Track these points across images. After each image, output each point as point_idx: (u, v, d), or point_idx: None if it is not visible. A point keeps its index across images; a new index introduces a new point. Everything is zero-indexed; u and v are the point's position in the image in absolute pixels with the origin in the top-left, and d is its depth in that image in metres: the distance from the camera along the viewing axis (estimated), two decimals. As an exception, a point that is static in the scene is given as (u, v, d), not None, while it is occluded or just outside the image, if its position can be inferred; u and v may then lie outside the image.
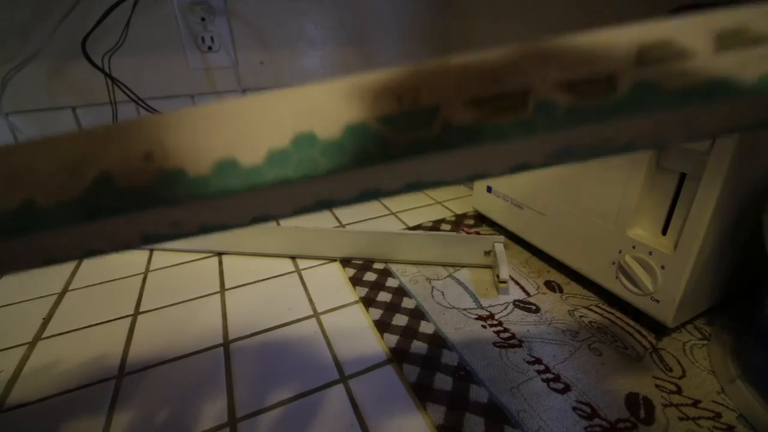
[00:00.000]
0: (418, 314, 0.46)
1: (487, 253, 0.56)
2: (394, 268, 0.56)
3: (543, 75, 0.12)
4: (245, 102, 0.14)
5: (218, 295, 0.52)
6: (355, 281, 0.53)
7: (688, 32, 0.13)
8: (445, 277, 0.54)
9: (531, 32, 0.76)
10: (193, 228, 0.16)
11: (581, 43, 0.12)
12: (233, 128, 0.13)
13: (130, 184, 0.12)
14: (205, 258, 0.61)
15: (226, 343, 0.44)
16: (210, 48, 0.77)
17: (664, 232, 0.40)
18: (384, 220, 0.72)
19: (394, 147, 0.12)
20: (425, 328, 0.44)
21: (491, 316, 0.46)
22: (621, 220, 0.42)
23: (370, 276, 0.54)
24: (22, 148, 0.13)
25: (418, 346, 0.42)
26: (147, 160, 0.12)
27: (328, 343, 0.43)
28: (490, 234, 0.64)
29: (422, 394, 0.36)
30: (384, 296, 0.50)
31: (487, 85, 0.13)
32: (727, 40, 0.12)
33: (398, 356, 0.40)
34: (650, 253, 0.40)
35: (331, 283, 0.53)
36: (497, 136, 0.12)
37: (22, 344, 0.45)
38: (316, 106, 0.13)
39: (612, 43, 0.13)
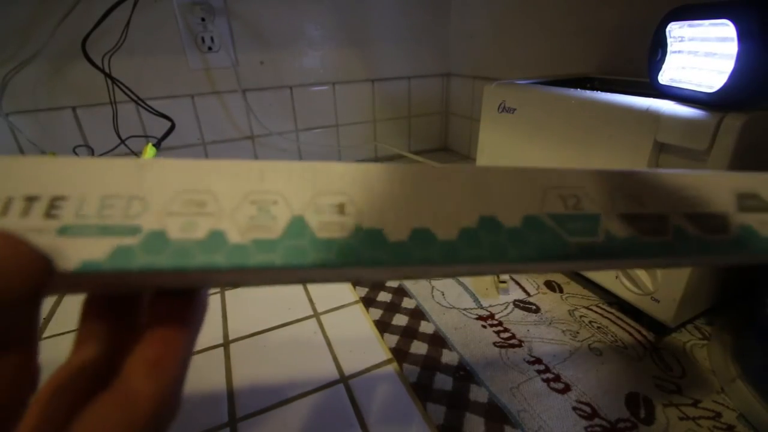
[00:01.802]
0: (418, 314, 0.46)
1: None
2: (394, 268, 0.56)
3: (675, 207, 0.14)
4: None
5: (218, 295, 0.52)
6: (355, 281, 0.53)
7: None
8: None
9: (531, 32, 0.76)
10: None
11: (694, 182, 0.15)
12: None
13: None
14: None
15: (226, 343, 0.44)
16: (210, 48, 0.77)
17: (664, 232, 0.40)
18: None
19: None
20: (425, 328, 0.44)
21: (491, 316, 0.46)
22: (621, 220, 0.42)
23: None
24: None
25: (418, 346, 0.42)
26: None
27: (328, 343, 0.43)
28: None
29: (422, 394, 0.36)
30: (384, 296, 0.50)
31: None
32: None
33: (398, 356, 0.40)
34: (650, 253, 0.39)
35: (331, 283, 0.53)
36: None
37: (22, 344, 0.45)
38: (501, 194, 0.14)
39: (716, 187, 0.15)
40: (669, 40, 0.38)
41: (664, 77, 0.39)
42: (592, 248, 0.13)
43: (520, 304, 0.48)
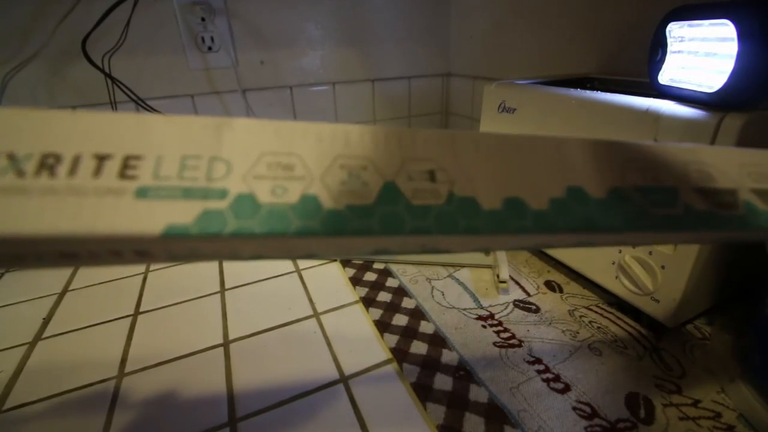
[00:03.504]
0: (418, 314, 0.46)
1: (487, 253, 0.56)
2: (394, 268, 0.56)
3: (744, 183, 0.15)
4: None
5: (218, 295, 0.52)
6: (355, 281, 0.53)
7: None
8: (445, 277, 0.54)
9: (531, 32, 0.76)
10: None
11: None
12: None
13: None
14: (205, 258, 0.61)
15: (226, 343, 0.44)
16: (210, 48, 0.77)
17: (664, 232, 0.39)
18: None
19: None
20: (425, 328, 0.44)
21: (491, 316, 0.46)
22: (621, 220, 0.42)
23: (370, 276, 0.54)
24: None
25: (418, 346, 0.42)
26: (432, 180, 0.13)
27: (328, 343, 0.43)
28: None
29: (422, 393, 0.36)
30: (384, 296, 0.50)
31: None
32: None
33: (398, 356, 0.40)
34: (650, 253, 0.40)
35: (331, 283, 0.53)
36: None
37: (22, 344, 0.45)
38: (579, 166, 0.14)
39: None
40: (669, 40, 0.38)
41: (664, 77, 0.39)
42: (673, 219, 0.14)
43: (520, 304, 0.48)
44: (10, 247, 0.12)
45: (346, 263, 0.57)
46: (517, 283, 0.52)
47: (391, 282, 0.53)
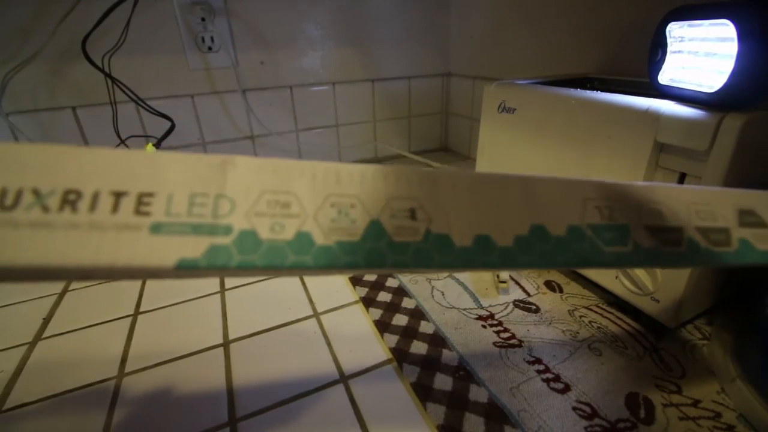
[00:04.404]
0: (418, 314, 0.46)
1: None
2: (394, 268, 0.56)
3: (690, 221, 0.16)
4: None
5: (218, 295, 0.52)
6: (355, 281, 0.53)
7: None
8: (445, 277, 0.54)
9: (531, 32, 0.76)
10: None
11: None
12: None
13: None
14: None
15: (226, 343, 0.44)
16: (210, 48, 0.77)
17: (664, 232, 0.39)
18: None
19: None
20: (425, 328, 0.44)
21: (491, 316, 0.46)
22: (621, 220, 0.42)
23: (370, 276, 0.54)
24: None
25: (418, 346, 0.42)
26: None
27: (328, 343, 0.43)
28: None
29: (422, 394, 0.36)
30: (384, 296, 0.50)
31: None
32: None
33: (398, 356, 0.40)
34: (650, 253, 0.39)
35: (331, 283, 0.53)
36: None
37: (22, 344, 0.45)
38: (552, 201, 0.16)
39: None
40: (669, 40, 0.38)
41: (664, 77, 0.39)
42: (622, 256, 0.15)
43: (520, 304, 0.48)
44: (38, 274, 0.13)
45: (346, 263, 0.57)
46: (517, 283, 0.52)
47: (391, 282, 0.53)
